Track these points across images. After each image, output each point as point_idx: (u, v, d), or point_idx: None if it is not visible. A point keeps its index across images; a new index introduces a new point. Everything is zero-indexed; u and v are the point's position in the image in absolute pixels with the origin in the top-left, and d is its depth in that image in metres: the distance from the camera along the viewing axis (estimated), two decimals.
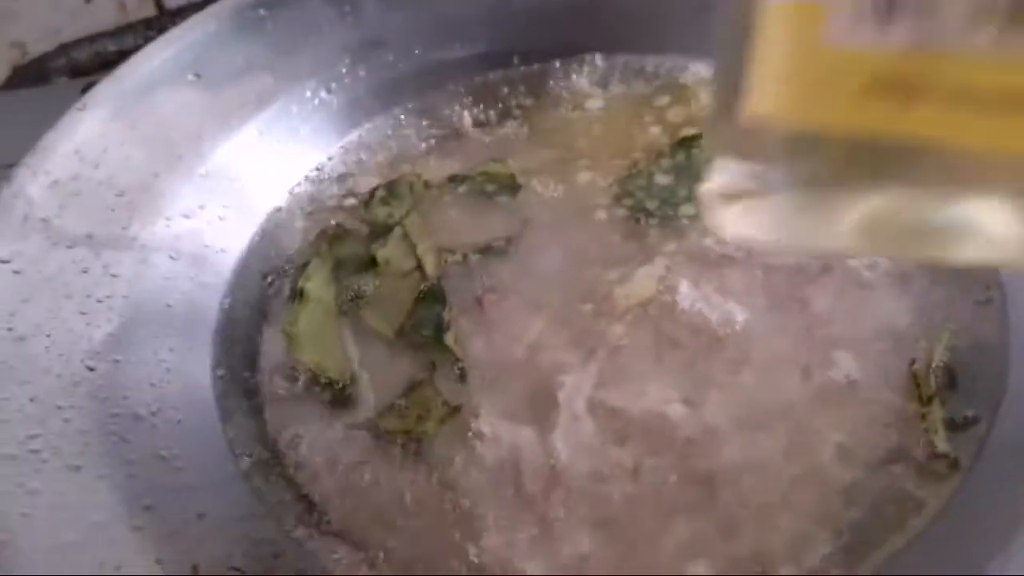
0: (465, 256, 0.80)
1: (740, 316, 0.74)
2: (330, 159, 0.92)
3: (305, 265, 0.81)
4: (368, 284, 0.80)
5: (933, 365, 0.68)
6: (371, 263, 0.80)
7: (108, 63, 1.27)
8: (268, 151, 0.89)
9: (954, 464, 0.64)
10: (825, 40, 0.25)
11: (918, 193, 0.28)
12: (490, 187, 0.86)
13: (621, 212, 0.83)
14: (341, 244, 0.83)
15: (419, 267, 0.79)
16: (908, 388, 0.68)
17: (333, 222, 0.85)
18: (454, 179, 0.88)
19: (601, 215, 0.84)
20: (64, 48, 1.28)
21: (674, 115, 0.91)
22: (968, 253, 0.29)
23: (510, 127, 0.93)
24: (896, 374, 0.69)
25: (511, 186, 0.86)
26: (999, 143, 0.25)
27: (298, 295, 0.78)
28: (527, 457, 0.69)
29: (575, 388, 0.71)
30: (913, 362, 0.69)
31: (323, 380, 0.74)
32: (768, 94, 0.27)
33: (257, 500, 0.68)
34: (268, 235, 0.86)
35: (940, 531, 0.61)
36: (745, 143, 0.30)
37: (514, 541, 0.65)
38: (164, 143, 0.84)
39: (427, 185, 0.87)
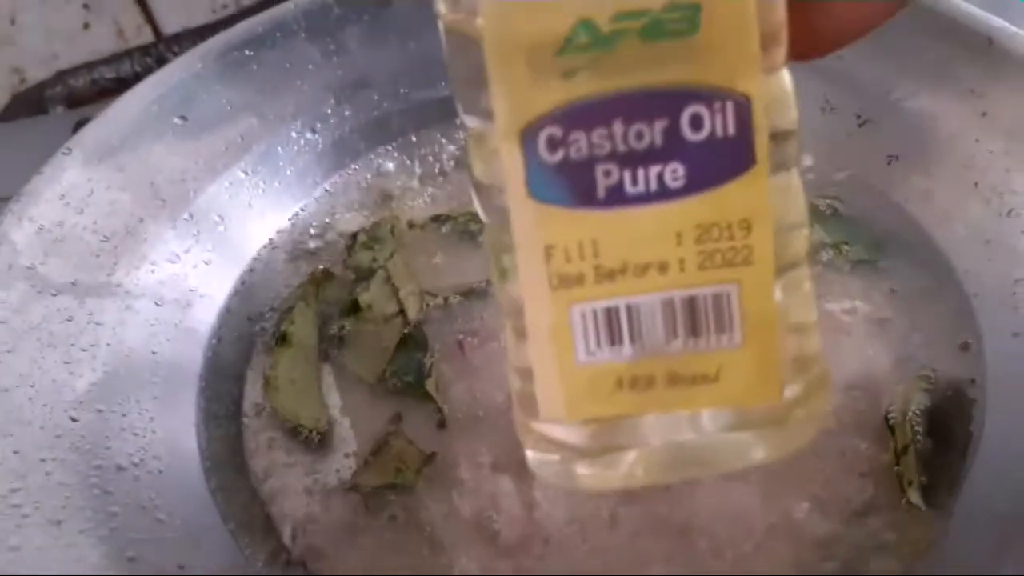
0: (446, 299, 0.81)
1: None
2: (316, 199, 0.92)
3: (290, 310, 0.81)
4: (350, 328, 0.80)
5: (909, 413, 0.68)
6: (354, 307, 0.80)
7: (105, 91, 1.29)
8: (253, 193, 0.89)
9: (929, 517, 0.64)
10: (579, 362, 0.38)
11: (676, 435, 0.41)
12: (474, 227, 0.86)
13: None
14: (327, 288, 0.84)
15: (401, 311, 0.79)
16: (883, 437, 0.68)
17: (320, 266, 0.86)
18: (438, 219, 0.88)
19: None
20: (61, 75, 1.29)
21: None
22: (732, 464, 0.43)
23: None
24: (871, 422, 0.70)
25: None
26: (699, 403, 0.39)
27: (280, 339, 0.79)
28: (505, 506, 0.69)
29: None
30: (888, 412, 0.69)
31: (299, 430, 0.74)
32: (552, 403, 0.40)
33: (239, 553, 0.69)
34: (253, 279, 0.86)
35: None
36: (544, 437, 0.43)
37: None
38: (149, 187, 0.84)
39: (411, 225, 0.88)
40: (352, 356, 0.79)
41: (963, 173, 0.79)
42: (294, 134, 0.92)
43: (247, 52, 0.91)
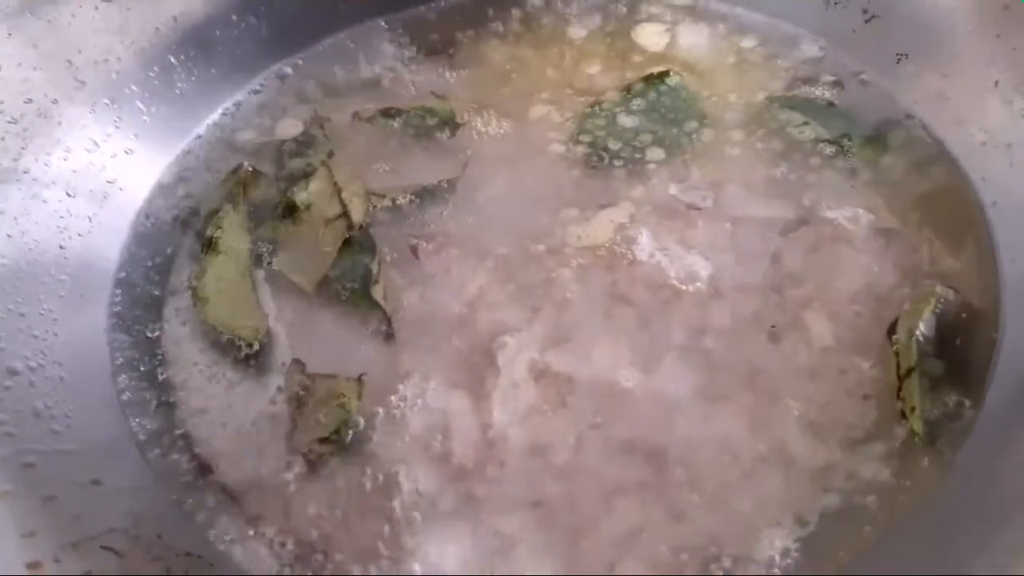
0: (395, 200, 0.72)
1: (704, 271, 0.66)
2: (254, 91, 0.82)
3: (215, 213, 0.71)
4: (286, 232, 0.71)
5: (916, 334, 0.60)
6: (290, 209, 0.71)
7: None
8: (184, 80, 0.79)
9: (934, 447, 0.57)
10: None
11: None
12: (430, 122, 0.77)
13: (578, 152, 0.75)
14: (257, 188, 0.74)
15: (344, 213, 0.70)
16: (888, 357, 0.60)
17: (247, 164, 0.76)
18: (388, 112, 0.79)
19: (555, 155, 0.75)
20: None
21: (630, 49, 0.83)
22: None
23: (450, 60, 0.84)
24: (875, 341, 0.61)
25: (451, 123, 0.77)
26: None
27: (207, 245, 0.69)
28: (459, 425, 0.61)
29: (517, 350, 0.63)
30: (893, 329, 0.61)
31: (235, 342, 0.66)
32: None
33: (149, 469, 0.60)
34: (179, 174, 0.77)
35: (917, 526, 0.54)
36: None
37: (433, 520, 0.57)
38: (67, 66, 0.74)
39: (357, 118, 0.78)
40: (288, 262, 0.69)
41: (981, 72, 0.70)
42: (234, 17, 0.82)
43: None
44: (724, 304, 0.64)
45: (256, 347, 0.65)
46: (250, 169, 0.75)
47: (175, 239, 0.73)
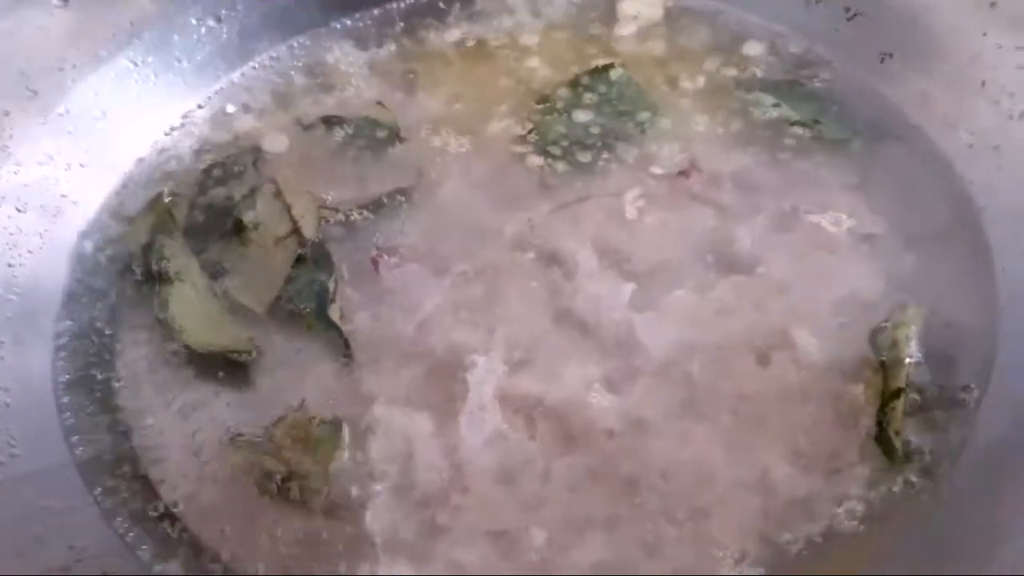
0: (348, 215, 0.68)
1: (680, 281, 0.63)
2: (213, 96, 0.79)
3: (150, 246, 0.68)
4: (234, 253, 0.67)
5: (904, 352, 0.57)
6: (237, 229, 0.68)
7: None
8: (142, 87, 0.76)
9: (921, 473, 0.54)
10: None
11: None
12: (380, 134, 0.74)
13: (534, 153, 0.72)
14: (185, 210, 0.71)
15: (295, 230, 0.67)
16: (871, 374, 0.58)
17: (167, 191, 0.72)
18: (329, 121, 0.75)
19: (511, 159, 0.72)
20: None
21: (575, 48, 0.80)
22: None
23: (402, 64, 0.81)
24: (861, 357, 0.58)
25: (395, 134, 0.74)
26: None
27: (158, 279, 0.66)
28: (423, 449, 0.58)
29: (486, 371, 0.60)
30: (878, 344, 0.58)
31: (229, 357, 0.63)
32: None
33: (92, 499, 0.57)
34: (135, 187, 0.73)
35: (904, 557, 0.51)
36: None
37: (391, 550, 0.54)
38: (18, 75, 0.71)
39: (301, 125, 0.76)
40: (238, 284, 0.66)
41: (968, 71, 0.68)
42: (194, 21, 0.79)
43: None
44: (701, 318, 0.61)
45: (248, 356, 0.62)
46: (170, 198, 0.71)
47: (129, 255, 0.69)
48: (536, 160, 0.71)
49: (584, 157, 0.71)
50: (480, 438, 0.58)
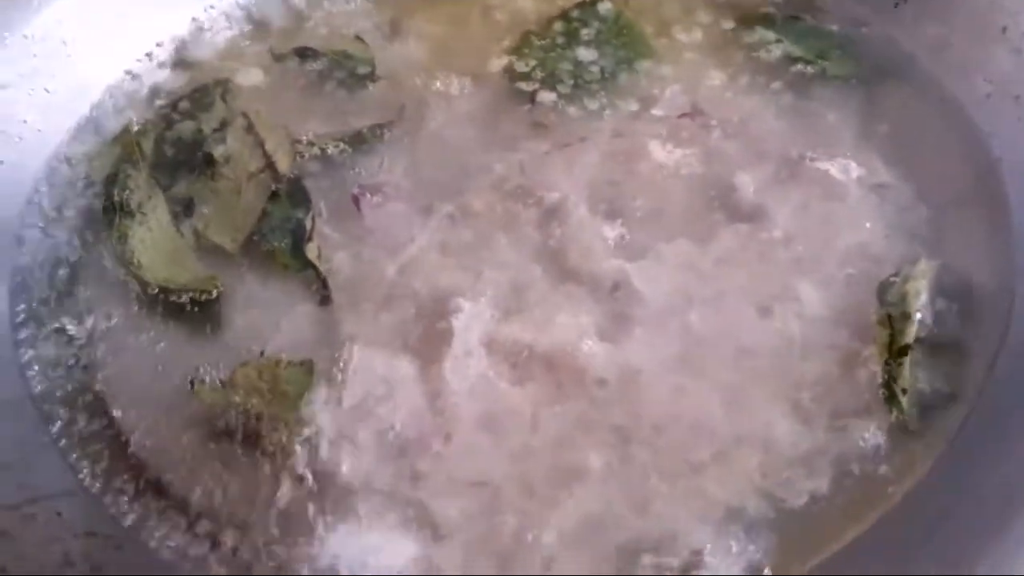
0: (325, 149, 0.65)
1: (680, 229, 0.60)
2: (183, 26, 0.75)
3: (115, 177, 0.64)
4: (204, 189, 0.64)
5: (914, 308, 0.54)
6: (207, 163, 0.64)
7: None
8: (113, 13, 0.72)
9: (926, 432, 0.51)
10: None
11: None
12: (362, 70, 0.71)
13: (526, 88, 0.68)
14: (152, 143, 0.67)
15: (269, 165, 0.63)
16: (882, 330, 0.54)
17: (133, 118, 0.68)
18: (303, 53, 0.72)
19: (500, 97, 0.68)
20: None
21: None
22: None
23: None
24: (868, 311, 0.55)
25: (371, 70, 0.71)
26: None
27: (118, 209, 0.62)
28: (404, 395, 0.54)
29: (472, 315, 0.57)
30: (886, 299, 0.55)
31: (189, 296, 0.59)
32: None
33: (48, 437, 0.54)
34: (101, 116, 0.70)
35: (906, 520, 0.48)
36: None
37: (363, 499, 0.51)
38: None
39: (272, 55, 0.72)
40: (208, 222, 0.62)
41: (987, 17, 0.65)
42: None
43: None
44: (702, 267, 0.58)
45: (210, 296, 0.58)
46: (137, 127, 0.67)
47: (89, 185, 0.65)
48: (525, 90, 0.68)
49: (581, 96, 0.67)
50: (465, 384, 0.54)
